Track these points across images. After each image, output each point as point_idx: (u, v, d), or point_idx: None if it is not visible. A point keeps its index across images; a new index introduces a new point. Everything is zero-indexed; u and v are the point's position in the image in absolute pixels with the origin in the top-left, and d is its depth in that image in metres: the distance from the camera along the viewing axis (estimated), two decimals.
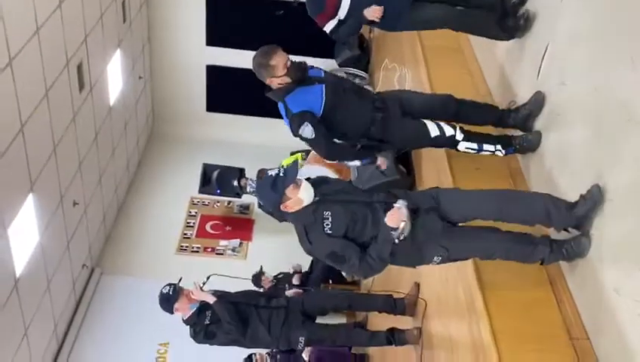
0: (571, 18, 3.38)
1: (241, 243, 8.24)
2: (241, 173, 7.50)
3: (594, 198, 2.86)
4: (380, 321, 4.69)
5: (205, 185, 8.03)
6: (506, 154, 3.71)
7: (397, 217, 2.87)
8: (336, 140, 3.68)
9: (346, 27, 4.03)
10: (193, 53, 9.29)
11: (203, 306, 4.52)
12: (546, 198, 3.06)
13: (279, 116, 3.74)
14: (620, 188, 2.75)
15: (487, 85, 4.50)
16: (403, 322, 4.38)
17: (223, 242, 8.24)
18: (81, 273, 7.17)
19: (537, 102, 3.60)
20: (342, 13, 3.95)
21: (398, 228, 2.87)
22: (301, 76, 3.49)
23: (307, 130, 3.49)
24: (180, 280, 4.73)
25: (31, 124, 5.36)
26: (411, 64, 5.37)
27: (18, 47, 5.01)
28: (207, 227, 8.46)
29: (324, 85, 3.55)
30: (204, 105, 9.82)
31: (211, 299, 4.47)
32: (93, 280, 7.48)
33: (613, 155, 2.83)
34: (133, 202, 8.69)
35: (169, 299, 4.53)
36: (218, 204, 8.77)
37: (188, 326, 4.56)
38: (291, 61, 3.46)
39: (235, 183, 7.28)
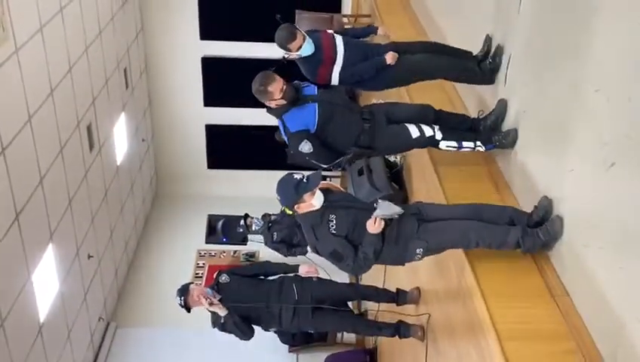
0: (526, 29, 3.89)
1: None
2: (245, 216, 7.87)
3: (545, 208, 3.38)
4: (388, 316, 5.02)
5: (211, 234, 8.37)
6: (486, 150, 4.08)
7: (377, 226, 3.37)
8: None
9: (362, 68, 4.28)
10: (192, 114, 9.85)
11: (219, 300, 4.77)
12: (511, 209, 3.61)
13: (277, 168, 4.16)
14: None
15: (461, 99, 4.98)
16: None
17: None
18: (97, 326, 7.44)
19: (501, 108, 4.10)
20: (339, 58, 4.30)
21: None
22: (296, 97, 3.93)
23: (306, 147, 3.90)
24: (189, 285, 4.97)
25: (49, 178, 5.78)
26: (395, 96, 5.85)
27: (36, 106, 5.50)
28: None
29: (317, 104, 3.95)
30: (204, 163, 10.31)
31: (222, 312, 4.73)
32: (109, 334, 7.73)
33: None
34: (142, 258, 9.03)
35: (184, 308, 4.77)
36: (224, 254, 9.10)
37: None
38: (286, 85, 3.89)
39: (242, 222, 7.65)
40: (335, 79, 4.35)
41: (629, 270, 2.73)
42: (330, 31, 4.51)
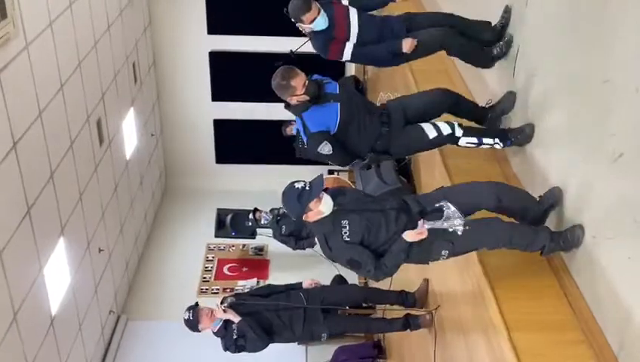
0: (535, 21, 3.89)
1: (258, 281, 8.56)
2: (254, 209, 7.94)
3: (554, 197, 3.34)
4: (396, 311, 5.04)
5: (220, 228, 8.47)
6: (504, 147, 3.99)
7: (416, 236, 3.18)
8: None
9: (375, 52, 4.18)
10: (200, 109, 9.89)
11: (227, 319, 4.83)
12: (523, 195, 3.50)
13: (285, 162, 4.03)
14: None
15: (470, 92, 4.99)
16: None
17: (241, 282, 8.57)
18: (108, 318, 7.50)
19: (509, 99, 4.02)
20: (353, 36, 4.16)
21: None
22: (317, 93, 3.81)
23: (326, 148, 3.81)
24: (197, 304, 5.09)
25: (59, 172, 5.83)
26: (402, 86, 5.87)
27: (46, 101, 5.54)
28: (225, 269, 8.83)
29: (338, 104, 3.83)
30: (213, 158, 10.35)
31: (236, 319, 4.76)
32: (120, 326, 7.79)
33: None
34: (152, 252, 9.09)
35: (192, 323, 4.87)
36: (233, 248, 9.15)
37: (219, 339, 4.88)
38: (309, 80, 3.79)
39: (251, 216, 7.71)
40: (347, 55, 4.21)
41: (638, 260, 2.74)
42: (345, 2, 4.31)
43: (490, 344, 3.34)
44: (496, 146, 3.99)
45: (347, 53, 4.19)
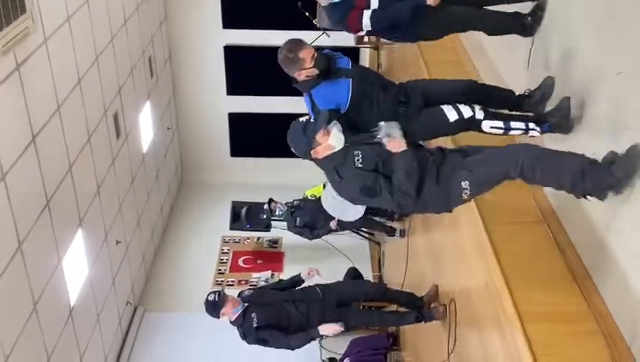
0: (550, 13, 3.88)
1: (272, 274, 8.64)
2: (269, 200, 8.00)
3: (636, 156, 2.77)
4: None
5: (235, 221, 8.54)
6: (542, 132, 3.54)
7: (397, 145, 3.04)
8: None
9: (396, 9, 3.85)
10: (215, 102, 9.96)
11: (247, 308, 4.88)
12: (583, 158, 2.95)
13: (300, 156, 3.79)
14: None
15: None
16: None
17: (255, 274, 8.65)
18: (125, 309, 7.61)
19: (548, 85, 3.68)
20: (373, 3, 3.86)
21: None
22: (327, 66, 3.55)
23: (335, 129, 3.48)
24: (223, 288, 5.17)
25: (78, 165, 5.92)
26: (416, 77, 5.86)
27: (64, 95, 5.62)
28: (240, 262, 8.91)
29: (350, 80, 3.58)
30: (228, 151, 10.42)
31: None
32: (137, 317, 7.90)
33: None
34: (168, 244, 9.20)
35: (215, 305, 4.82)
36: (248, 241, 9.22)
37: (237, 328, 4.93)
38: (317, 53, 3.55)
39: (266, 207, 7.77)
40: (367, 24, 3.92)
41: None
42: None
43: (504, 335, 3.36)
44: (533, 133, 3.53)
45: (366, 22, 3.90)
